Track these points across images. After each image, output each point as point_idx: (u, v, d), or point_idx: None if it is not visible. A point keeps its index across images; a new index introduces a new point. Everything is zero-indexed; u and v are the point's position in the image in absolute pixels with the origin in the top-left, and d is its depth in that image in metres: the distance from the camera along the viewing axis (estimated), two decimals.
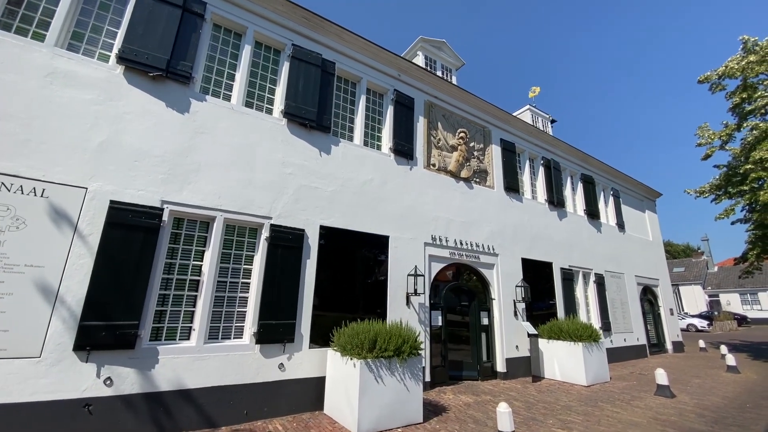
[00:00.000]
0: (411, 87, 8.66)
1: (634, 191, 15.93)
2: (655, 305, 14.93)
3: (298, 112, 6.60)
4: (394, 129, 8.01)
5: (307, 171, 6.58)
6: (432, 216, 8.21)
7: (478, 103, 9.96)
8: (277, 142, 6.36)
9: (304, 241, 6.21)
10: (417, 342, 5.50)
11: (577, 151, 12.95)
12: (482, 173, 9.69)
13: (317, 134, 6.86)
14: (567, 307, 10.50)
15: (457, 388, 7.43)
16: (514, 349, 8.82)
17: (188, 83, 5.74)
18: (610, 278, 12.66)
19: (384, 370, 5.09)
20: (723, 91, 13.00)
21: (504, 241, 9.50)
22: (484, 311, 8.83)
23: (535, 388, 7.76)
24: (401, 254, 7.41)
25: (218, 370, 5.11)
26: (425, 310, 7.46)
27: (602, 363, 8.57)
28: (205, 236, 5.55)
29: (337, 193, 6.84)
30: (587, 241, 12.22)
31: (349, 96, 7.83)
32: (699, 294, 35.46)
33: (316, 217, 6.47)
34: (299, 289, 5.98)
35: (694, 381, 8.93)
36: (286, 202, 6.21)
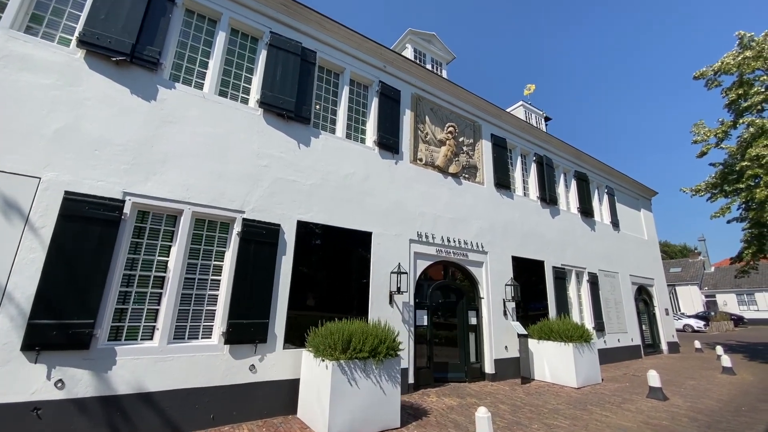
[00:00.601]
0: (397, 79, 8.39)
1: (629, 189, 15.70)
2: (650, 305, 14.69)
3: (275, 102, 6.31)
4: (379, 122, 7.73)
5: (284, 163, 6.30)
6: (418, 212, 7.93)
7: (467, 97, 9.70)
8: (251, 133, 6.07)
9: (279, 236, 5.92)
10: (395, 342, 5.22)
11: (570, 147, 12.71)
12: (472, 169, 9.42)
13: (296, 125, 6.57)
14: (559, 307, 10.24)
15: (442, 390, 7.15)
16: (503, 349, 8.55)
17: (156, 69, 5.44)
18: (604, 277, 12.41)
19: (358, 372, 4.80)
20: (719, 88, 12.80)
21: (494, 239, 9.23)
22: (473, 310, 8.56)
23: (523, 390, 7.49)
24: (385, 251, 7.13)
25: (183, 372, 4.81)
26: (409, 309, 7.18)
27: (594, 364, 8.31)
28: (172, 230, 5.26)
29: (316, 187, 6.56)
30: (581, 240, 11.97)
31: (332, 87, 7.55)
32: (696, 294, 35.32)
33: (293, 211, 6.18)
34: (273, 287, 5.69)
35: (688, 383, 8.68)
36: (261, 195, 5.92)
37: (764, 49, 11.38)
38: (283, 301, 5.76)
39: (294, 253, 6.04)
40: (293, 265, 5.99)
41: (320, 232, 6.46)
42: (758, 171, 10.79)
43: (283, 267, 5.87)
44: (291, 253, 6.00)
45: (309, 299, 6.14)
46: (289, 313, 5.80)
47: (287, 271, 5.89)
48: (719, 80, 12.58)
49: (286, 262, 5.92)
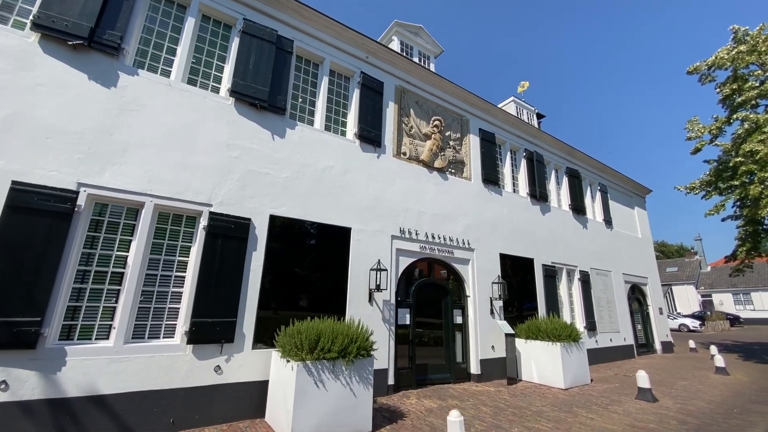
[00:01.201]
0: (380, 70, 8.13)
1: (623, 187, 15.48)
2: (644, 304, 14.47)
3: (248, 91, 6.04)
4: (360, 114, 7.47)
5: (257, 155, 6.03)
6: (401, 207, 7.67)
7: (454, 90, 9.45)
8: (221, 123, 5.80)
9: (249, 231, 5.65)
10: (367, 342, 4.95)
11: (562, 143, 12.47)
12: (458, 164, 9.17)
13: (270, 116, 6.31)
14: (549, 306, 10.00)
15: (424, 391, 6.89)
16: (490, 349, 8.29)
17: (117, 55, 5.17)
18: (596, 276, 12.18)
19: (326, 373, 4.54)
20: (713, 83, 12.59)
21: (481, 236, 8.98)
22: (458, 309, 8.30)
23: (509, 391, 7.23)
24: (365, 247, 6.87)
25: (140, 373, 4.54)
26: (390, 308, 6.92)
27: (582, 364, 8.06)
28: (133, 224, 4.98)
29: (291, 180, 6.29)
30: (572, 237, 11.73)
31: (311, 77, 7.28)
32: (692, 294, 35.16)
33: (265, 205, 5.92)
34: (242, 284, 5.42)
35: (680, 383, 8.44)
36: (231, 188, 5.65)
37: (758, 43, 11.18)
38: (253, 299, 5.49)
39: (266, 249, 5.77)
40: (265, 262, 5.72)
41: (295, 227, 6.19)
42: (752, 167, 10.58)
43: (254, 263, 5.60)
44: (262, 248, 5.73)
45: (282, 297, 5.88)
46: (259, 311, 5.53)
47: (258, 268, 5.62)
48: (713, 75, 12.38)
49: (257, 258, 5.65)
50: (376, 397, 6.27)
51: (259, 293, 5.56)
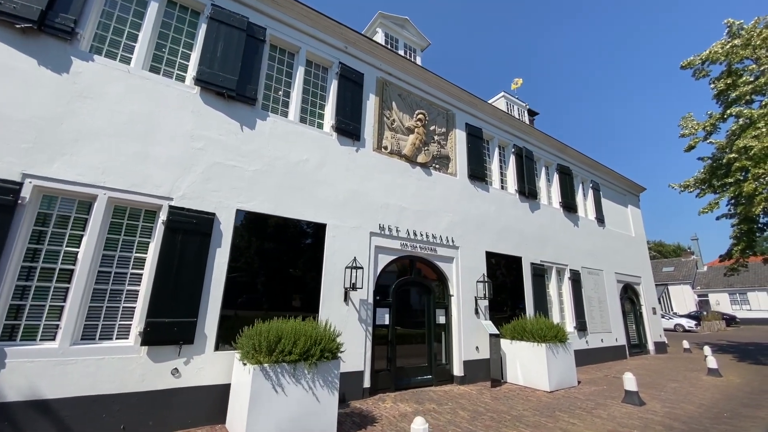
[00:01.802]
0: (360, 61, 7.85)
1: (616, 185, 15.23)
2: (637, 304, 14.22)
3: (214, 79, 5.75)
4: (338, 106, 7.18)
5: (223, 147, 5.74)
6: (381, 203, 7.39)
7: (439, 83, 9.17)
8: (185, 112, 5.51)
9: (214, 226, 5.36)
10: (333, 343, 4.67)
11: (553, 140, 12.21)
12: (443, 159, 8.89)
13: (239, 106, 6.02)
14: (537, 306, 9.73)
15: (402, 395, 6.62)
16: (474, 350, 8.02)
17: (71, 40, 4.87)
18: (587, 275, 11.92)
19: (286, 377, 4.26)
20: (707, 78, 12.34)
21: (466, 233, 8.70)
22: (441, 309, 8.03)
23: (491, 394, 6.96)
24: (341, 244, 6.59)
25: (89, 377, 4.25)
26: (367, 308, 6.64)
27: (569, 366, 7.79)
28: (86, 218, 4.69)
29: (261, 173, 6.00)
30: (562, 236, 11.47)
31: (285, 67, 7.00)
32: (688, 294, 34.97)
33: (232, 199, 5.63)
34: (204, 282, 5.13)
35: (670, 385, 8.18)
36: (194, 181, 5.36)
37: (753, 37, 10.94)
38: (217, 298, 5.20)
39: (232, 245, 5.48)
40: (231, 258, 5.44)
41: (265, 222, 5.91)
42: (746, 163, 10.33)
43: (218, 260, 5.32)
44: (228, 244, 5.45)
45: (250, 296, 5.60)
46: (224, 311, 5.25)
47: (223, 265, 5.34)
48: (707, 70, 12.13)
49: (222, 255, 5.37)
50: (350, 401, 6.01)
51: (224, 292, 5.28)
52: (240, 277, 5.53)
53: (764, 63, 11.01)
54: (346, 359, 6.12)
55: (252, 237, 5.76)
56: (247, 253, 5.67)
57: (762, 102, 11.02)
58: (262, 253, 5.83)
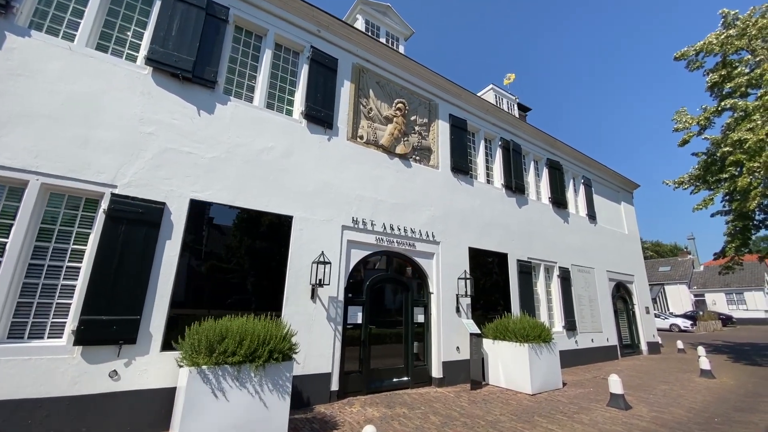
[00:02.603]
0: (335, 46, 7.45)
1: (609, 181, 14.87)
2: (630, 303, 13.86)
3: (168, 59, 5.35)
4: (308, 91, 6.79)
5: (177, 132, 5.33)
6: (355, 195, 7.00)
7: (421, 71, 8.78)
8: (133, 94, 5.10)
9: (164, 216, 4.96)
10: (284, 343, 4.27)
11: (543, 134, 11.84)
12: (424, 151, 8.50)
13: (196, 89, 5.62)
14: (524, 304, 9.35)
15: (374, 398, 6.22)
16: (455, 350, 7.63)
17: (5, 14, 4.47)
18: (578, 273, 11.55)
19: (228, 380, 3.86)
20: (701, 69, 12.00)
21: (448, 228, 8.31)
22: (420, 307, 7.64)
23: (470, 396, 6.57)
24: (309, 238, 6.19)
25: (12, 379, 3.84)
26: (337, 305, 6.24)
27: (553, 367, 7.41)
28: (17, 206, 4.28)
29: (219, 161, 5.60)
30: (551, 232, 11.10)
31: (251, 50, 6.59)
32: (684, 294, 34.68)
33: (185, 188, 5.23)
34: (150, 276, 4.73)
35: (660, 388, 7.81)
36: (142, 167, 4.96)
37: (748, 27, 10.59)
38: (165, 295, 4.79)
39: (184, 238, 5.08)
40: (183, 252, 5.03)
41: (223, 213, 5.50)
42: (740, 156, 9.97)
43: (168, 253, 4.91)
44: (179, 237, 5.04)
45: (204, 293, 5.19)
46: (174, 309, 4.84)
47: (173, 258, 4.93)
48: (701, 61, 11.78)
49: (172, 248, 4.96)
50: (316, 405, 5.61)
51: (174, 288, 4.87)
52: (193, 272, 5.13)
53: (760, 54, 10.67)
54: (312, 361, 5.74)
55: (208, 229, 5.35)
56: (202, 246, 5.27)
57: (758, 94, 10.68)
58: (220, 246, 5.43)
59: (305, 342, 5.72)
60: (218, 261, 5.38)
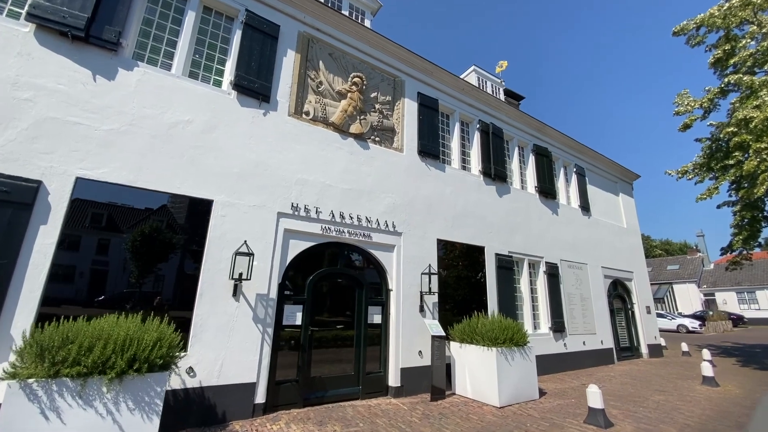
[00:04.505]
0: (276, 11, 6.61)
1: (606, 171, 13.81)
2: (629, 302, 12.79)
3: (55, 15, 4.54)
4: (240, 59, 5.95)
5: (63, 99, 4.53)
6: (296, 179, 6.14)
7: (385, 44, 7.90)
8: (8, 55, 4.31)
9: (38, 197, 4.15)
10: (158, 349, 3.40)
11: (528, 117, 10.87)
12: (386, 132, 7.61)
13: (92, 51, 4.81)
14: (503, 303, 8.40)
15: (308, 412, 5.34)
16: (417, 355, 6.73)
17: None
18: (567, 269, 10.55)
19: (68, 398, 3.01)
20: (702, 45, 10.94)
21: (412, 218, 7.41)
22: (376, 306, 6.75)
23: (425, 410, 5.66)
24: (233, 226, 5.35)
25: None
26: (267, 304, 5.38)
27: (528, 375, 6.46)
28: None
29: (119, 133, 4.78)
30: (537, 224, 10.12)
31: (173, 12, 5.78)
32: (694, 293, 33.20)
33: (71, 165, 4.41)
34: (15, 268, 3.92)
35: (653, 398, 6.81)
36: (12, 139, 4.15)
37: None
38: (33, 291, 3.98)
39: (65, 223, 4.27)
40: (61, 239, 4.22)
41: (119, 195, 4.68)
42: (746, 137, 8.92)
43: (41, 241, 4.10)
44: (59, 222, 4.23)
45: (89, 290, 4.37)
46: (46, 308, 4.03)
47: (48, 247, 4.12)
48: (702, 36, 10.72)
49: (48, 235, 4.15)
50: (232, 422, 4.75)
51: (47, 283, 4.06)
52: (77, 264, 4.31)
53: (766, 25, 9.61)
54: (230, 368, 4.88)
55: (98, 214, 4.53)
56: (91, 233, 4.45)
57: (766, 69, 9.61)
58: (114, 234, 4.60)
59: (222, 347, 4.87)
60: (112, 251, 4.56)
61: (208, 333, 4.83)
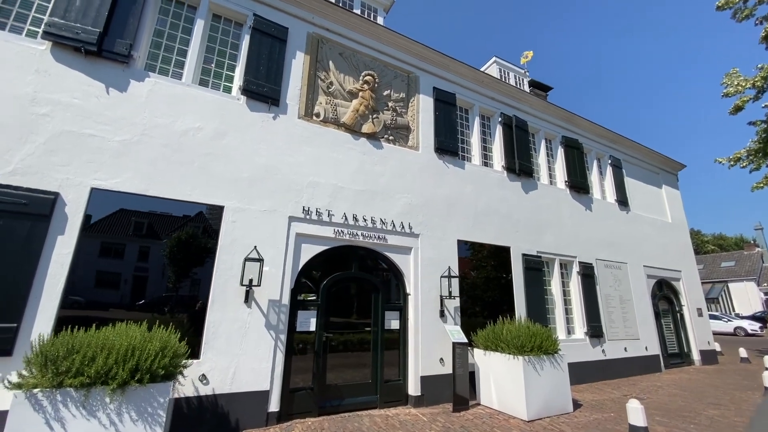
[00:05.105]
0: (284, 14, 6.55)
1: (646, 161, 12.73)
2: (676, 304, 11.68)
3: (70, 31, 4.70)
4: (248, 64, 5.93)
5: (78, 112, 4.66)
6: (307, 182, 6.03)
7: (397, 40, 7.66)
8: (26, 72, 4.49)
9: (55, 209, 4.28)
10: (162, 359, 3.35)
11: (555, 108, 10.21)
12: (401, 130, 7.36)
13: (105, 65, 4.93)
14: (532, 306, 7.88)
15: (323, 422, 5.18)
16: (438, 363, 6.41)
17: None
18: (604, 269, 9.77)
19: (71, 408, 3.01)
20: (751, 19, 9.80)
21: (429, 218, 7.10)
22: (394, 311, 6.50)
23: (446, 422, 5.34)
24: (244, 232, 5.31)
25: None
26: (280, 310, 5.29)
27: (560, 386, 5.95)
28: None
29: (131, 144, 4.87)
30: (569, 221, 9.45)
31: (183, 22, 5.86)
32: (753, 292, 30.14)
33: (86, 176, 4.53)
34: (35, 278, 4.05)
35: (707, 413, 6.08)
36: (31, 153, 4.32)
37: None
38: (53, 299, 4.10)
39: (81, 233, 4.37)
40: (78, 248, 4.33)
41: (133, 204, 4.76)
42: None
43: (58, 251, 4.22)
44: (76, 232, 4.34)
45: (105, 296, 4.46)
46: (63, 313, 4.14)
47: (66, 257, 4.24)
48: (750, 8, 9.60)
49: (65, 245, 4.27)
50: (245, 430, 4.68)
51: (65, 291, 4.17)
52: (93, 272, 4.41)
53: None
54: (243, 376, 4.83)
55: (112, 223, 4.63)
56: (105, 242, 4.54)
57: None
58: (127, 242, 4.68)
59: (234, 354, 4.83)
60: (124, 259, 4.64)
61: (220, 340, 4.80)
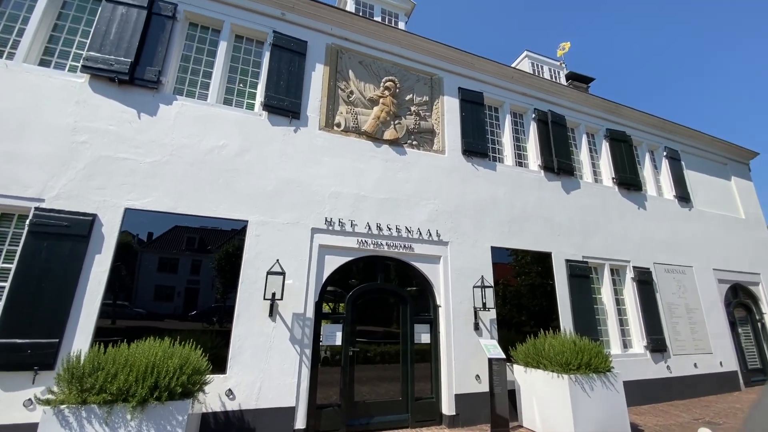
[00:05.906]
0: (303, 28, 6.62)
1: (709, 151, 11.31)
2: (756, 312, 10.13)
3: (105, 64, 5.06)
4: (269, 80, 6.03)
5: (114, 138, 4.96)
6: (329, 193, 5.97)
7: (418, 43, 7.46)
8: (67, 104, 4.87)
9: (93, 229, 4.55)
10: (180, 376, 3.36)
11: (597, 99, 9.40)
12: (425, 134, 7.11)
13: (135, 91, 5.23)
14: (579, 318, 7.17)
15: None
16: (473, 380, 5.98)
17: None
18: (665, 274, 8.71)
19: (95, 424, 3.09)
20: None
21: (458, 225, 6.74)
22: (424, 324, 6.19)
23: None
24: (268, 245, 5.33)
25: None
26: (305, 323, 5.22)
27: (613, 408, 5.26)
28: None
29: (160, 165, 5.09)
30: (618, 222, 8.57)
31: (207, 45, 6.11)
32: None
33: (120, 198, 4.79)
34: (75, 295, 4.30)
35: None
36: (72, 179, 4.64)
37: None
38: (91, 315, 4.33)
39: (116, 251, 4.61)
40: (114, 267, 4.56)
41: (162, 222, 4.95)
42: None
43: (96, 269, 4.47)
44: (111, 250, 4.58)
45: (137, 312, 4.64)
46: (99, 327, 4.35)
47: (102, 274, 4.47)
48: None
49: (102, 263, 4.51)
50: None
51: (101, 308, 4.39)
52: (124, 289, 4.62)
53: None
54: (269, 392, 4.80)
55: (143, 240, 4.83)
56: (136, 260, 4.75)
57: None
58: (156, 259, 4.86)
59: (260, 369, 4.80)
60: (154, 275, 4.82)
61: (245, 354, 4.81)
